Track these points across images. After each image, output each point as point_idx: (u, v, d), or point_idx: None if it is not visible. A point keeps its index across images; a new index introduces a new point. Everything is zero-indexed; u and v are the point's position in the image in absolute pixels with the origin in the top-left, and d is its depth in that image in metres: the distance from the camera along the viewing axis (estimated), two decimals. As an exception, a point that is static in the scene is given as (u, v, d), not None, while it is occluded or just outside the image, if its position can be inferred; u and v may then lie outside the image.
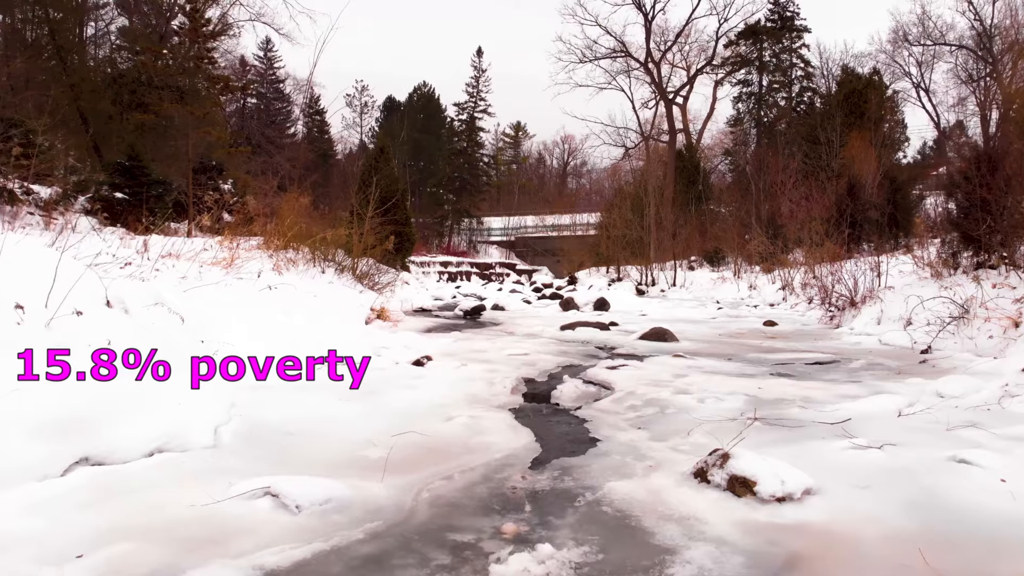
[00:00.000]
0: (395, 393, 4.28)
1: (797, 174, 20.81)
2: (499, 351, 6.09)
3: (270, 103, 45.53)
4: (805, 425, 3.55)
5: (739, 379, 4.87)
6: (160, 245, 7.70)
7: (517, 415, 3.93)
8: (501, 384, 4.61)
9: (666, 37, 34.22)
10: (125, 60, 26.38)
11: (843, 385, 4.66)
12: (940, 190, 21.55)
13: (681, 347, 6.93)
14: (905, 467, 2.86)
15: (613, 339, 7.57)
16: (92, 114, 23.36)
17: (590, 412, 4.05)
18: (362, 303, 8.33)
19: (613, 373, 4.93)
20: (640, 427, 3.63)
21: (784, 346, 7.38)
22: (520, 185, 58.65)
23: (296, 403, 3.88)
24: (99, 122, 23.20)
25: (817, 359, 6.26)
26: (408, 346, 5.80)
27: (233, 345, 5.16)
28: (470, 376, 4.82)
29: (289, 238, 9.35)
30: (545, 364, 5.55)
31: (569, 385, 4.59)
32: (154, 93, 22.87)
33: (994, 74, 35.84)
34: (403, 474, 2.76)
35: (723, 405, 3.98)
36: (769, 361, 6.08)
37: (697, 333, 8.54)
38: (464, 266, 38.37)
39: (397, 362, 5.21)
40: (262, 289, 7.23)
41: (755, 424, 3.56)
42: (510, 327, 9.32)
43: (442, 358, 5.54)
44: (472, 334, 8.07)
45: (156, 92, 23.06)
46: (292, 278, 8.31)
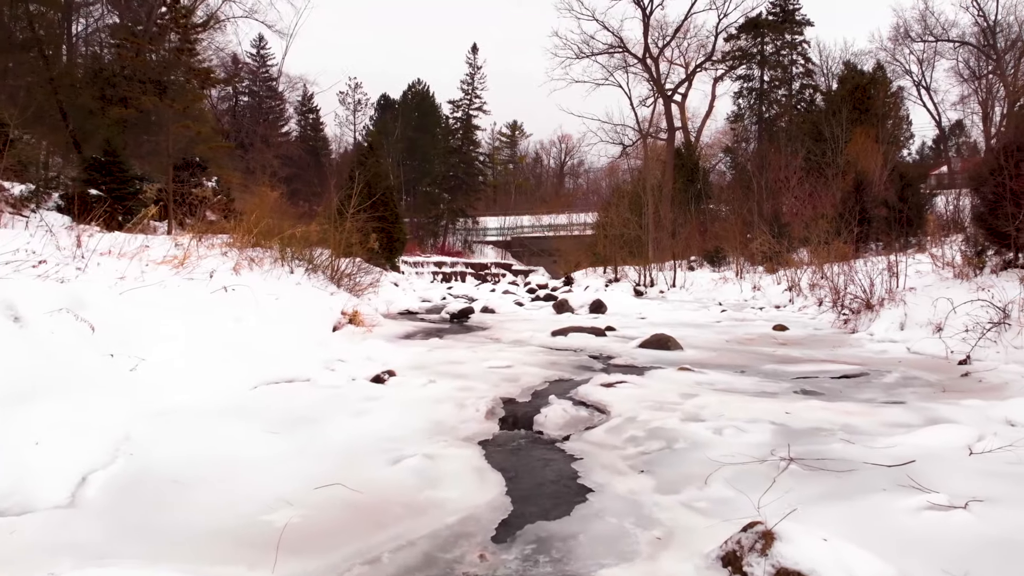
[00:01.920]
0: (339, 421, 3.47)
1: (801, 171, 20.03)
2: (479, 362, 5.28)
3: (263, 101, 44.73)
4: (856, 468, 2.75)
5: (760, 399, 4.07)
6: (108, 242, 6.90)
7: (488, 450, 3.13)
8: (474, 407, 3.80)
9: (664, 32, 33.47)
10: (107, 54, 25.59)
11: (886, 408, 3.86)
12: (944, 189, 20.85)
13: (686, 357, 6.13)
14: (1009, 538, 2.07)
15: (610, 347, 6.77)
16: (72, 109, 22.67)
17: (580, 445, 3.25)
18: (332, 306, 7.52)
19: (609, 392, 4.13)
20: (643, 470, 2.82)
21: (800, 355, 6.58)
22: (517, 185, 57.85)
23: (208, 435, 3.08)
24: (80, 117, 22.48)
25: (843, 371, 5.46)
26: (371, 357, 4.99)
27: (155, 358, 4.37)
28: (437, 396, 4.01)
29: (254, 235, 8.53)
30: (530, 379, 4.74)
31: (556, 408, 3.79)
32: (135, 87, 22.13)
33: (998, 70, 35.20)
34: (309, 555, 1.96)
35: (746, 438, 3.18)
36: (789, 374, 5.29)
37: (702, 339, 7.74)
38: (459, 266, 37.58)
39: (353, 378, 4.40)
40: (215, 291, 6.43)
41: (791, 467, 2.76)
42: (497, 332, 8.51)
43: (409, 372, 4.73)
44: (453, 341, 7.26)
45: (138, 86, 22.32)
46: (253, 278, 7.49)
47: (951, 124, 39.30)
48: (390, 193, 22.33)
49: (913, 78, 35.17)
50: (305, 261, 8.94)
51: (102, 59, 25.95)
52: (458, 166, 44.84)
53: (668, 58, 33.89)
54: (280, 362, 4.59)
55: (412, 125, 43.53)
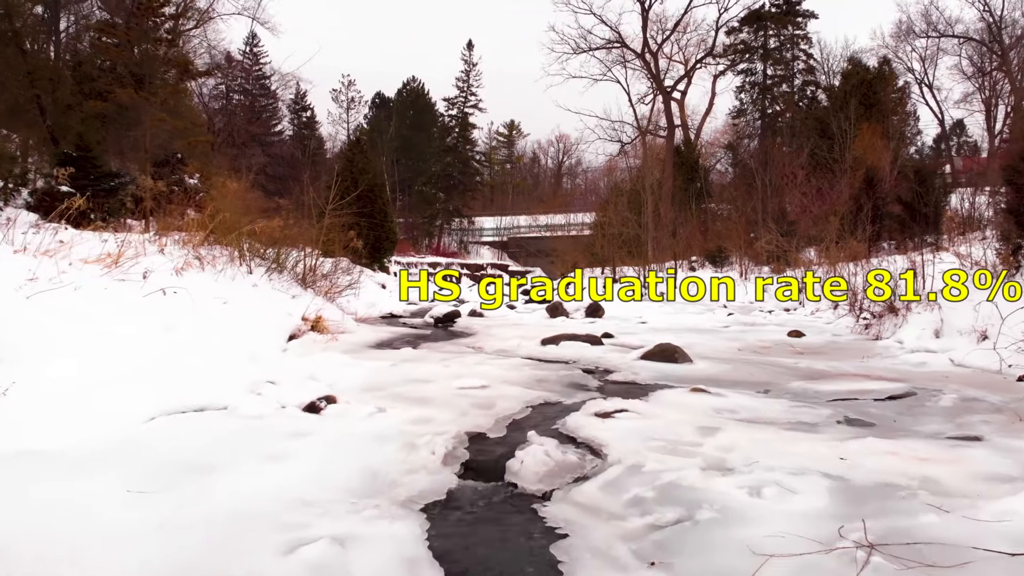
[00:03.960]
0: (242, 470, 2.57)
1: (808, 167, 19.15)
2: (449, 381, 4.37)
3: (255, 99, 43.81)
4: (967, 558, 1.86)
5: (799, 435, 3.18)
6: (38, 241, 6.00)
7: (435, 523, 2.23)
8: (428, 448, 2.90)
9: (664, 27, 32.55)
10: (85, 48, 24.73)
11: (965, 449, 2.97)
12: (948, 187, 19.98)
13: (697, 371, 5.24)
14: None
15: (607, 358, 5.87)
16: (51, 104, 21.94)
17: (566, 510, 2.36)
18: (291, 311, 6.61)
19: (606, 424, 3.23)
20: (654, 560, 1.93)
21: (827, 367, 5.69)
22: (514, 185, 56.94)
23: (40, 500, 2.18)
24: (58, 112, 21.72)
25: (886, 390, 4.57)
26: (315, 376, 4.08)
27: (45, 377, 3.52)
28: (384, 432, 3.11)
29: (210, 230, 7.63)
30: (508, 403, 3.83)
31: (536, 449, 2.88)
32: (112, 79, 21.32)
33: (1004, 67, 34.44)
34: None
35: (796, 502, 2.28)
36: (822, 395, 4.39)
37: (712, 348, 6.85)
38: (454, 267, 36.70)
39: (283, 405, 3.50)
40: (149, 294, 5.54)
41: (872, 558, 1.87)
42: (482, 339, 7.61)
43: (358, 396, 3.82)
44: (427, 351, 6.35)
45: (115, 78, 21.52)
46: (201, 280, 6.59)
47: (953, 123, 38.56)
48: (378, 190, 21.39)
49: (915, 76, 34.40)
50: (269, 260, 8.03)
51: (81, 53, 25.17)
52: (454, 165, 43.90)
53: (667, 55, 33.02)
54: (198, 383, 3.69)
55: (407, 123, 42.60)
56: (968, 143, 42.47)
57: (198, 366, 3.95)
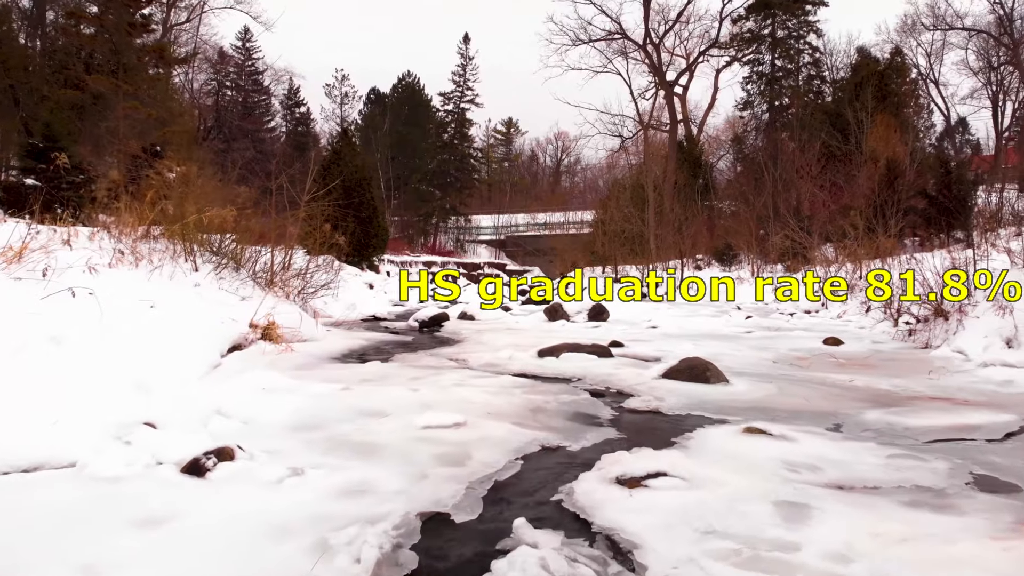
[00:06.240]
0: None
1: (822, 158, 18.03)
2: (412, 415, 3.22)
3: (248, 95, 42.63)
4: None
5: (932, 515, 2.06)
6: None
7: None
8: (351, 549, 1.77)
9: (666, 17, 31.39)
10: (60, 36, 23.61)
11: None
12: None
13: (738, 395, 4.10)
14: None
15: (620, 375, 4.74)
16: (24, 93, 20.91)
17: None
18: (237, 316, 5.47)
19: (636, 502, 2.11)
20: None
21: (891, 387, 4.56)
22: (512, 183, 55.79)
23: None
24: (32, 103, 20.66)
25: (995, 425, 3.45)
26: (223, 411, 2.94)
27: None
28: (289, 515, 1.98)
29: (150, 221, 6.50)
30: (488, 453, 2.70)
31: (528, 561, 1.75)
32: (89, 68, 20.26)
33: (1015, 60, 33.48)
34: None
35: None
36: (914, 433, 3.27)
37: (742, 360, 5.72)
38: (450, 266, 35.57)
39: (159, 461, 2.37)
40: (51, 295, 4.40)
41: None
42: (468, 348, 6.48)
43: (275, 443, 2.68)
44: (399, 366, 5.21)
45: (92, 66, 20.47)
46: (128, 277, 5.46)
47: (958, 119, 37.57)
48: (367, 183, 20.22)
49: (921, 72, 33.41)
50: (221, 255, 6.89)
51: (55, 40, 24.15)
52: (450, 162, 42.75)
53: (669, 49, 31.87)
54: (44, 426, 2.57)
55: (402, 119, 41.41)
56: (971, 142, 41.57)
57: (57, 398, 2.82)
